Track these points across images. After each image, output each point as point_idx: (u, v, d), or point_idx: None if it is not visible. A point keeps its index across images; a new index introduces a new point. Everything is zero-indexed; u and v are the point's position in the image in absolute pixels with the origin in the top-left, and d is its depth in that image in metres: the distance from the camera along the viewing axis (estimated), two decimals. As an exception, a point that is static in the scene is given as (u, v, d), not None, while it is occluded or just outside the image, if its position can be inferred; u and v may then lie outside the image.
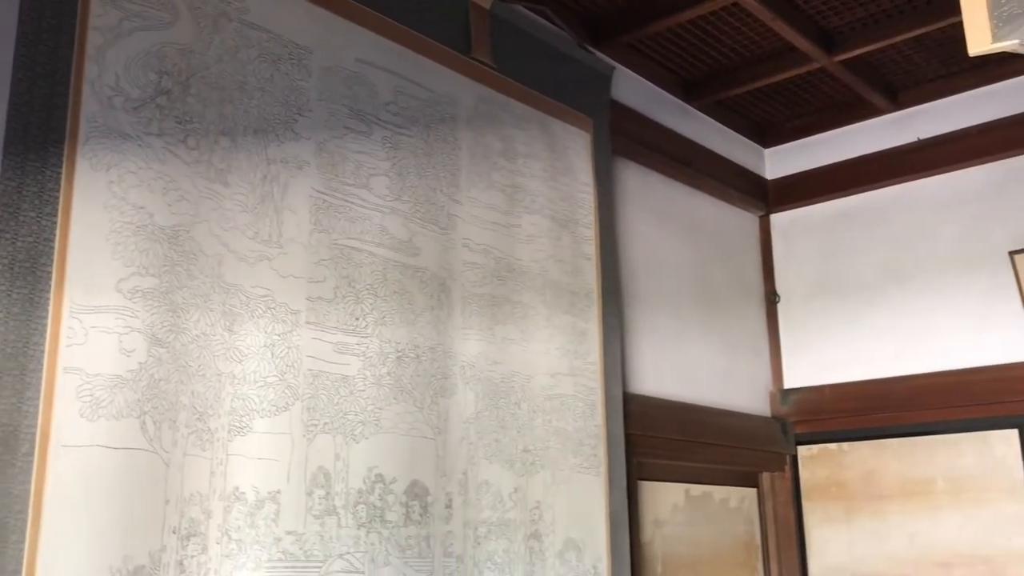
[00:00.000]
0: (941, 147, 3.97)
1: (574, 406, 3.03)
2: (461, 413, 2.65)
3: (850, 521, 4.04)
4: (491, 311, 2.81)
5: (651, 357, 3.66)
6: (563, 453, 2.95)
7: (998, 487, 3.69)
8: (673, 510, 3.69)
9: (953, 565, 3.73)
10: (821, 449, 4.19)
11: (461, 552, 2.57)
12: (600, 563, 2.97)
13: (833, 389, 4.16)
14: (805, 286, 4.37)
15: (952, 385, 3.83)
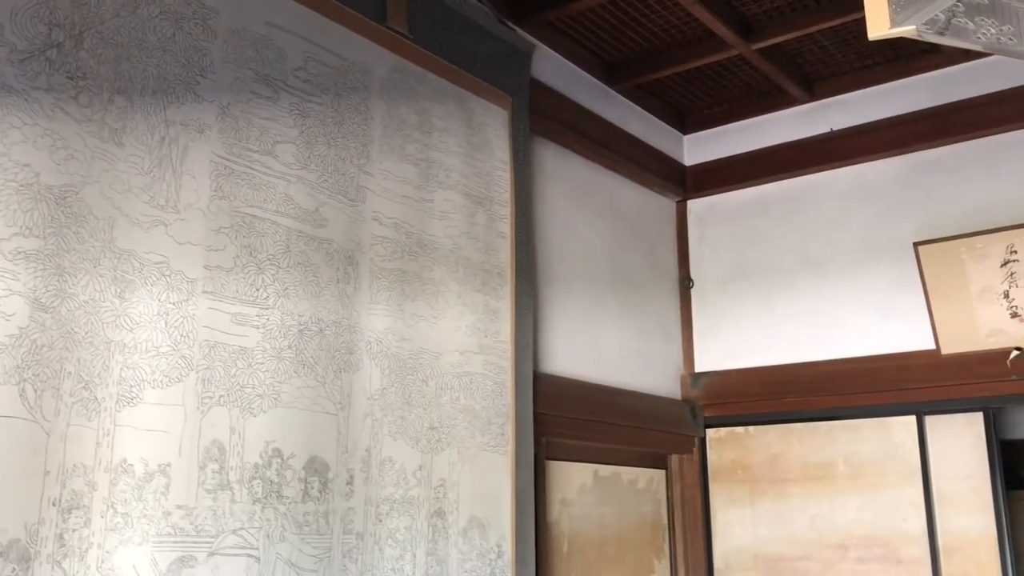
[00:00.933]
0: (853, 139, 4.05)
1: (483, 384, 3.01)
2: (366, 389, 2.60)
3: (754, 503, 4.12)
4: (400, 287, 2.77)
5: (564, 338, 3.66)
6: (470, 431, 2.93)
7: (896, 472, 3.80)
8: (581, 490, 3.71)
9: (850, 547, 3.84)
10: (728, 432, 4.26)
11: (362, 529, 2.53)
12: (504, 541, 2.96)
13: (742, 373, 4.23)
14: (719, 272, 4.42)
15: (856, 372, 3.92)
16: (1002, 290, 3.46)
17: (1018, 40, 1.57)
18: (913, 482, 3.75)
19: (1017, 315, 3.45)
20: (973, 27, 1.53)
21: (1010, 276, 3.43)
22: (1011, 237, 3.40)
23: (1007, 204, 3.61)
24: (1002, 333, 3.50)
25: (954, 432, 3.70)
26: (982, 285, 3.48)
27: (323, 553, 2.41)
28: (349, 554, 2.48)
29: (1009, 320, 3.47)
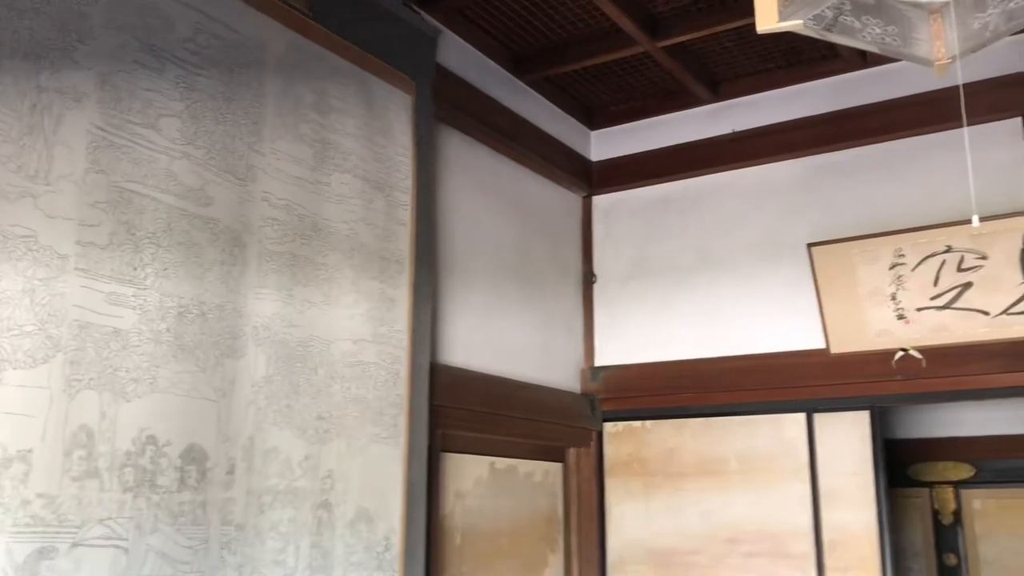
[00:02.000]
0: (754, 140, 4.11)
1: (376, 374, 2.95)
2: (250, 376, 2.51)
3: (649, 497, 4.15)
4: (291, 271, 2.68)
5: (464, 329, 3.62)
6: (361, 422, 2.87)
7: (785, 468, 3.87)
8: (477, 483, 3.68)
9: (740, 541, 3.90)
10: (626, 426, 4.29)
11: (242, 520, 2.44)
12: (393, 535, 2.91)
13: (641, 368, 4.26)
14: (621, 268, 4.44)
15: (750, 369, 3.99)
16: (890, 292, 3.55)
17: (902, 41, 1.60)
18: (802, 478, 3.83)
19: (903, 317, 3.56)
20: (859, 26, 1.55)
21: (898, 279, 3.53)
22: (899, 241, 3.50)
23: (898, 209, 3.72)
24: (889, 334, 3.60)
25: (841, 430, 3.80)
26: (871, 287, 3.57)
27: (199, 544, 2.31)
28: (228, 545, 2.39)
29: (896, 321, 3.57)
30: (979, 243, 3.36)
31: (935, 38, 1.61)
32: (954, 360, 3.53)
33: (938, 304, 3.48)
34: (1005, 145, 3.59)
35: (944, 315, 3.47)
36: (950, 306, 3.46)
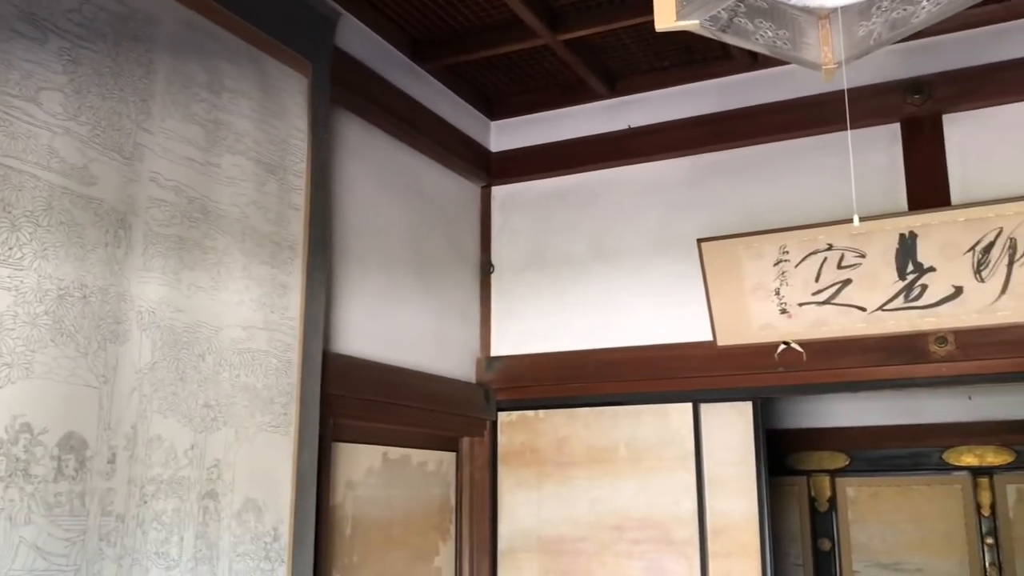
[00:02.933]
0: (648, 137, 4.19)
1: (267, 362, 2.89)
2: (134, 362, 2.43)
3: (540, 486, 4.20)
4: (179, 254, 2.60)
5: (359, 317, 3.58)
6: (250, 410, 2.80)
7: (672, 456, 3.98)
8: (369, 472, 3.65)
9: (626, 528, 3.99)
10: (520, 416, 4.32)
11: (123, 511, 2.36)
12: (282, 525, 2.86)
13: (535, 359, 4.30)
14: (518, 258, 4.47)
15: (640, 360, 4.07)
16: (774, 287, 3.69)
17: (791, 45, 1.65)
18: (687, 467, 3.94)
19: (786, 311, 3.69)
20: (752, 28, 1.60)
21: (782, 275, 3.67)
22: (784, 238, 3.63)
23: (783, 207, 3.86)
24: (772, 328, 3.74)
25: (726, 420, 3.92)
26: (756, 282, 3.70)
27: (76, 536, 2.22)
28: (107, 537, 2.30)
29: (779, 316, 3.71)
30: (858, 242, 3.51)
31: (823, 43, 1.68)
32: (832, 353, 3.69)
33: (819, 300, 3.62)
34: (884, 149, 3.76)
35: (824, 310, 3.62)
36: (830, 302, 3.61)
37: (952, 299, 3.44)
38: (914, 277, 3.48)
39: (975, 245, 3.37)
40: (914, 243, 3.44)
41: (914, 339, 3.55)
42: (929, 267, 3.44)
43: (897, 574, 6.02)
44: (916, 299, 3.49)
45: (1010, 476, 5.81)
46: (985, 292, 3.39)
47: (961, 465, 5.93)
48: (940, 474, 6.00)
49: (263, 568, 2.77)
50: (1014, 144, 3.58)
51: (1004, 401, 5.78)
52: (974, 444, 5.92)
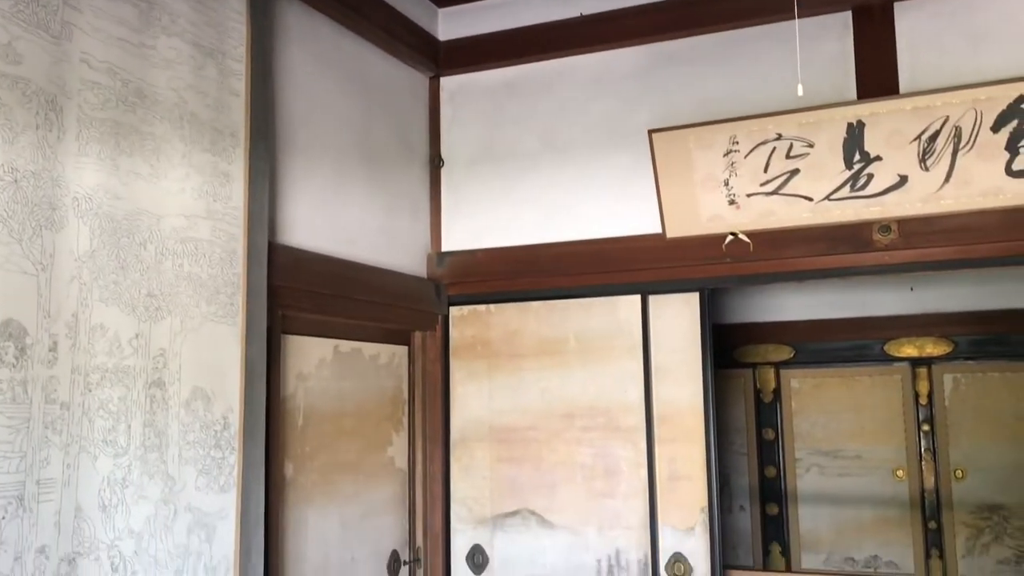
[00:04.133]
0: (600, 24, 4.11)
1: (211, 252, 2.85)
2: (72, 249, 2.37)
3: (491, 378, 4.25)
4: (115, 140, 2.52)
5: (305, 209, 3.53)
6: (195, 300, 2.77)
7: (620, 347, 4.04)
8: (320, 364, 3.66)
9: (576, 416, 4.07)
10: (471, 310, 4.34)
11: (67, 399, 2.34)
12: (231, 414, 2.87)
13: (486, 253, 4.30)
14: (468, 152, 4.42)
15: (590, 253, 4.09)
16: (723, 178, 3.69)
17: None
18: (635, 356, 4.00)
19: (734, 202, 3.71)
20: None
21: (731, 165, 3.67)
22: (734, 128, 3.62)
23: (734, 97, 3.83)
24: (720, 219, 3.76)
25: (674, 310, 3.98)
26: (706, 173, 3.70)
27: (20, 424, 2.21)
28: (52, 425, 2.29)
29: (727, 207, 3.73)
30: (807, 131, 3.52)
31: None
32: (778, 244, 3.73)
33: (767, 190, 3.64)
34: (836, 38, 3.73)
35: (772, 200, 3.65)
36: (778, 192, 3.63)
37: (897, 188, 3.48)
38: (860, 166, 3.50)
39: (921, 134, 3.39)
40: (861, 132, 3.46)
41: (858, 228, 3.60)
42: (876, 156, 3.47)
43: (837, 461, 6.26)
44: (862, 188, 3.52)
45: (948, 366, 6.01)
46: (929, 181, 3.43)
47: (901, 356, 6.12)
48: (881, 365, 6.18)
49: (214, 456, 2.79)
50: (962, 33, 3.58)
51: (944, 293, 5.93)
52: (915, 336, 6.10)
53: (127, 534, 2.49)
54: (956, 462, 5.93)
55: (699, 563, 3.80)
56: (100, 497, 2.42)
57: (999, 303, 5.85)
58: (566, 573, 3.98)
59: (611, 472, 3.97)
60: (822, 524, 6.22)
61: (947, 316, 5.98)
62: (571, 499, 4.02)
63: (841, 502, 6.20)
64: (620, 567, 3.90)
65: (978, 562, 5.80)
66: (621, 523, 3.92)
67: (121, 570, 2.46)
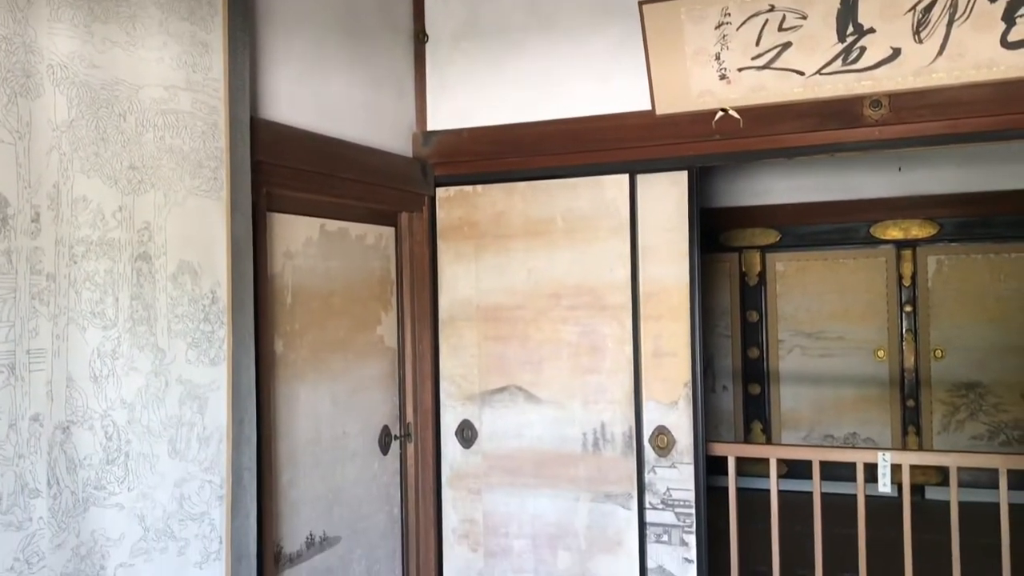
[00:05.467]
0: None
1: (192, 125, 2.79)
2: (50, 119, 2.32)
3: (478, 258, 4.26)
4: (88, 5, 2.43)
5: (287, 83, 3.45)
6: (179, 174, 2.74)
7: (607, 226, 4.03)
8: (307, 243, 3.65)
9: (562, 295, 4.10)
10: (458, 191, 4.31)
11: (53, 270, 2.33)
12: (219, 288, 2.87)
13: (472, 132, 4.24)
14: (453, 27, 4.31)
15: (577, 132, 4.04)
16: (714, 52, 3.62)
17: None
18: (622, 236, 4.00)
19: (725, 77, 3.65)
20: None
21: (722, 38, 3.59)
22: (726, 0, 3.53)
23: (726, -31, 3.72)
24: (711, 94, 3.71)
25: (662, 189, 3.96)
26: (697, 46, 3.62)
27: (7, 293, 2.20)
28: (39, 296, 2.29)
29: (718, 82, 3.67)
30: (800, 3, 3.44)
31: None
32: (769, 120, 3.69)
33: (758, 64, 3.58)
34: (832, -95, 3.61)
35: (763, 75, 3.59)
36: (769, 66, 3.57)
37: (889, 61, 3.42)
38: (853, 39, 3.44)
39: (916, 4, 3.32)
40: (855, 3, 3.38)
41: (849, 103, 3.56)
42: (869, 28, 3.40)
43: (819, 342, 6.37)
44: (854, 62, 3.46)
45: (932, 248, 6.07)
46: (922, 54, 3.38)
47: (887, 239, 6.17)
48: (866, 248, 6.24)
49: (203, 330, 2.80)
50: (964, -102, 3.46)
51: (931, 175, 5.93)
52: (900, 218, 6.13)
53: (119, 404, 2.52)
54: (936, 342, 6.05)
55: (682, 436, 3.90)
56: (91, 368, 2.44)
57: (985, 185, 5.86)
58: (553, 445, 4.08)
59: (597, 349, 4.03)
60: (803, 403, 6.38)
61: (933, 198, 6.00)
62: (557, 375, 4.09)
63: (822, 382, 6.35)
64: (605, 439, 4.00)
65: (952, 438, 5.98)
66: (606, 397, 4.00)
67: (115, 439, 2.50)
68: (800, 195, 6.31)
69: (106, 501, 2.48)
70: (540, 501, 4.11)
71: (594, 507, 4.01)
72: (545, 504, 4.10)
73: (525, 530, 4.14)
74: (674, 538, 3.91)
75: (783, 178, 6.29)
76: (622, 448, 3.96)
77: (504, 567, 4.17)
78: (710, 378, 6.56)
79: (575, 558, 4.05)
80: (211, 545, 2.80)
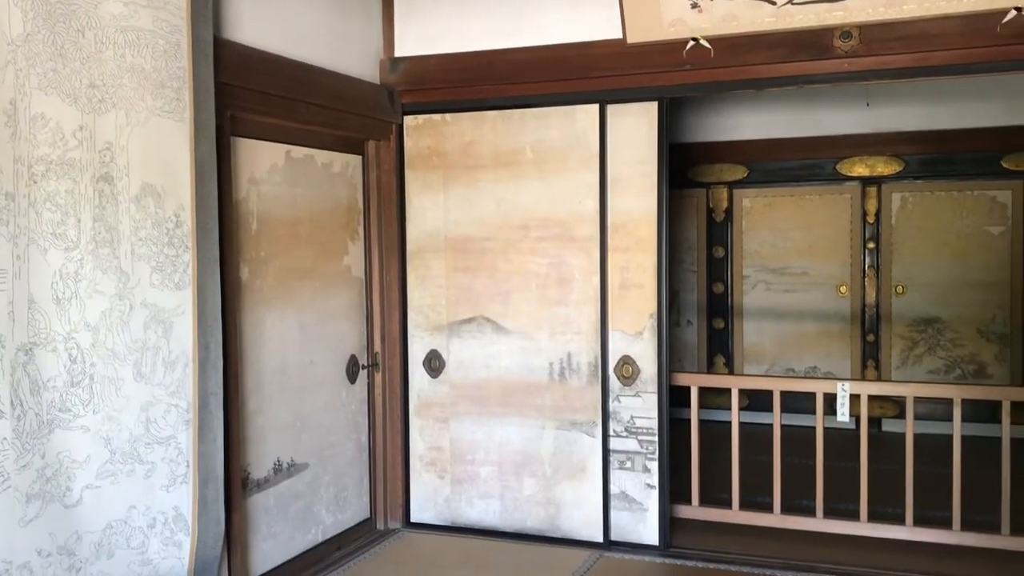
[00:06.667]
0: None
1: (153, 43, 2.72)
2: (4, 32, 2.25)
3: (447, 189, 4.23)
4: (42, -87, 2.35)
5: (252, 4, 3.37)
6: (140, 93, 2.67)
7: (577, 158, 4.01)
8: (272, 170, 3.60)
9: (531, 227, 4.10)
10: (426, 119, 4.26)
11: (12, 190, 2.29)
12: (183, 212, 2.83)
13: (441, 59, 4.18)
14: (422, -50, 4.21)
15: (547, 60, 3.99)
16: (686, -20, 3.58)
17: None
18: (591, 167, 3.99)
19: (697, 5, 3.61)
20: None
21: (695, -34, 3.55)
22: (700, -74, 3.48)
23: None
24: (682, 23, 3.67)
25: (631, 120, 3.94)
26: (669, -26, 3.58)
27: (-36, 213, 2.16)
28: (-2, 216, 2.24)
29: (690, 10, 3.63)
30: (773, -70, 3.40)
31: None
32: (739, 50, 3.67)
33: (730, -7, 3.55)
34: None
35: (735, 4, 3.56)
36: (741, -5, 3.54)
37: (861, -8, 3.41)
38: (826, -31, 3.41)
39: (890, -66, 3.30)
40: (830, -69, 3.35)
41: (820, 34, 3.55)
42: (842, -42, 3.38)
43: (784, 277, 6.44)
44: (826, -8, 3.44)
45: (897, 185, 6.11)
46: (894, -15, 3.36)
47: (853, 175, 6.20)
48: (832, 184, 6.27)
49: (167, 253, 2.77)
50: None
51: (898, 111, 5.95)
52: (867, 155, 6.16)
53: (83, 327, 2.50)
54: (898, 278, 6.14)
55: (646, 365, 3.94)
56: (53, 290, 2.41)
57: (950, 123, 5.89)
58: (520, 375, 4.12)
59: (564, 280, 4.04)
60: (766, 338, 6.47)
61: (900, 135, 6.02)
62: (525, 306, 4.11)
63: (785, 317, 6.43)
64: (571, 369, 4.04)
65: (910, 371, 6.11)
66: (573, 328, 4.03)
67: (79, 361, 2.49)
68: (769, 131, 6.30)
69: (71, 423, 2.47)
70: (507, 429, 4.16)
71: (559, 435, 4.07)
72: (512, 432, 4.15)
73: (492, 457, 4.19)
74: (637, 465, 3.99)
75: (752, 113, 6.27)
76: (588, 377, 4.01)
77: (471, 493, 4.23)
78: (676, 312, 6.62)
79: (540, 484, 4.11)
80: (178, 469, 2.81)
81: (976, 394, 4.21)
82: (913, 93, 5.64)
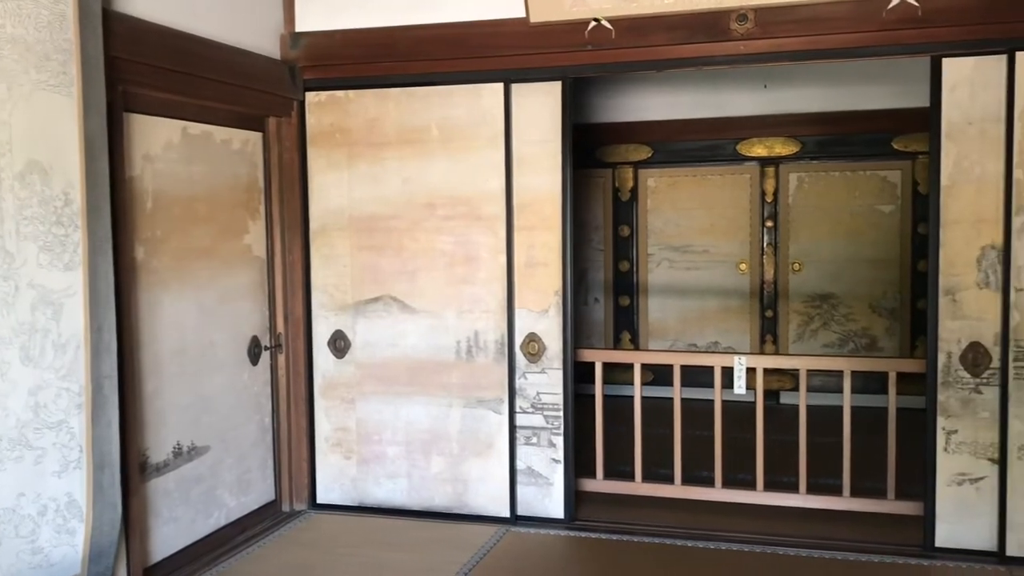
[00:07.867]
0: None
1: (36, 13, 2.61)
2: None
3: (351, 167, 4.18)
4: None
5: (143, -25, 3.26)
6: (23, 66, 2.56)
7: (483, 136, 4.02)
8: (167, 147, 3.50)
9: (437, 205, 4.09)
10: (328, 96, 4.20)
11: None
12: (72, 190, 2.73)
13: (344, 35, 4.12)
14: (324, -77, 4.13)
15: (452, 37, 3.98)
16: (588, -40, 3.60)
17: None
18: (497, 145, 4.00)
19: (599, -14, 3.65)
20: None
21: (597, -54, 3.57)
22: (601, -94, 3.50)
23: None
24: (584, 4, 3.71)
25: (536, 100, 3.96)
26: (571, -47, 3.60)
27: None
28: None
29: (592, -9, 3.66)
30: (672, -88, 3.45)
31: None
32: (640, 31, 3.72)
33: (631, -26, 3.59)
34: None
35: (635, -15, 3.61)
36: (642, -24, 3.58)
37: (756, -24, 3.49)
38: (723, -48, 3.48)
39: (783, -81, 3.38)
40: (726, -85, 3.41)
41: (717, 17, 3.62)
42: (738, -58, 3.45)
43: (686, 255, 6.58)
44: (723, -25, 3.51)
45: (794, 165, 6.31)
46: (787, -31, 3.45)
47: (752, 156, 6.36)
48: (733, 164, 6.42)
49: (56, 233, 2.67)
50: None
51: (795, 94, 6.13)
52: (765, 136, 6.33)
53: (-35, 309, 2.40)
54: (795, 255, 6.34)
55: (552, 342, 3.99)
56: (-69, 271, 2.30)
57: (845, 104, 6.10)
58: (427, 354, 4.12)
59: (471, 259, 4.05)
60: (669, 314, 6.61)
61: (796, 116, 6.20)
62: (432, 285, 4.10)
63: (688, 294, 6.58)
64: (478, 347, 4.06)
65: (807, 346, 6.33)
66: (480, 307, 4.04)
67: (-39, 345, 2.39)
68: (673, 112, 6.41)
69: (-47, 410, 2.37)
70: (414, 408, 4.16)
71: (467, 412, 4.09)
72: (419, 411, 4.15)
73: (399, 437, 4.19)
74: (543, 440, 4.04)
75: (657, 95, 6.37)
76: (494, 355, 4.03)
77: (378, 473, 4.22)
78: (583, 291, 6.71)
79: (448, 462, 4.13)
80: (70, 454, 2.73)
81: (864, 366, 4.39)
82: (809, 76, 5.81)
